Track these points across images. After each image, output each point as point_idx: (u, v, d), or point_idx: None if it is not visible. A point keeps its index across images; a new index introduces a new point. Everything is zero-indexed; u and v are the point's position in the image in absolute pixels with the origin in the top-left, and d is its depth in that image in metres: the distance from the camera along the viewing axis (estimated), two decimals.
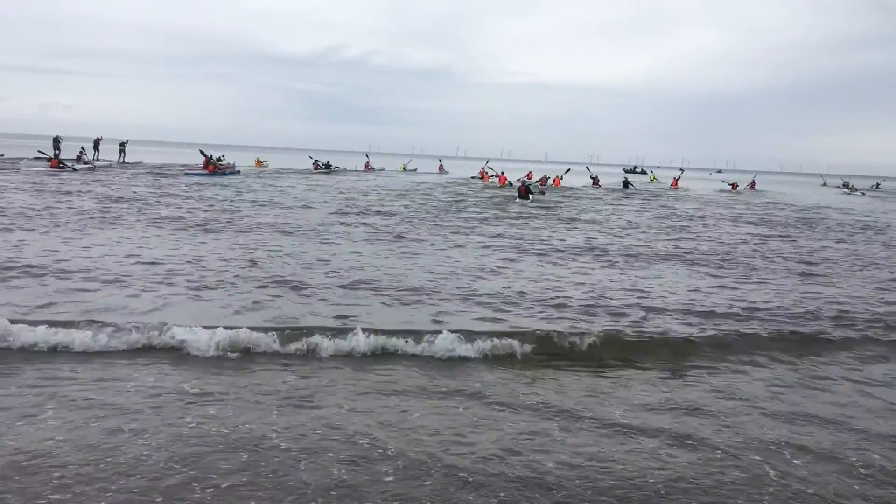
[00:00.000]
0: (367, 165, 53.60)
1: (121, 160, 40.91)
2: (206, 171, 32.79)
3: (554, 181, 40.48)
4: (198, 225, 14.27)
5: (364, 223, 16.19)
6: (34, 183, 22.67)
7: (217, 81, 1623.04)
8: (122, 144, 42.61)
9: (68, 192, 19.86)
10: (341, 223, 16.01)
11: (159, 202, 18.67)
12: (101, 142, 41.04)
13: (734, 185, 50.90)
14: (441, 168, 60.46)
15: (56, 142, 41.30)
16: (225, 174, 33.66)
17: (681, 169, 67.92)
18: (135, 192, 21.19)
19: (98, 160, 37.76)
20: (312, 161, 46.47)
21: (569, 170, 46.39)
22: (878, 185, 69.48)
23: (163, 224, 14.10)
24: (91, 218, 14.53)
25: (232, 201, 20.10)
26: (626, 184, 45.95)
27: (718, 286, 10.18)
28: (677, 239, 16.12)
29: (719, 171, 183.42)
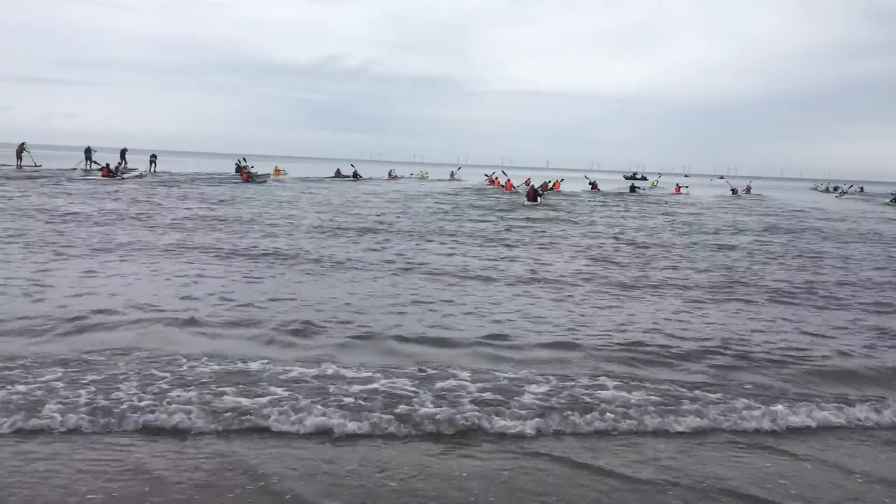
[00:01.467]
0: (390, 174, 60.97)
1: (152, 170, 42.62)
2: (241, 179, 37.98)
3: (554, 185, 42.86)
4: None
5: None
6: (111, 193, 24.07)
7: (218, 90, 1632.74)
8: (153, 157, 44.80)
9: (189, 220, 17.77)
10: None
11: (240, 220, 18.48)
12: (127, 152, 42.54)
13: (734, 191, 52.83)
14: (452, 175, 64.22)
15: (88, 152, 42.95)
16: (256, 182, 37.93)
17: (685, 175, 70.36)
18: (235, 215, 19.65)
19: (126, 170, 39.37)
20: (347, 170, 52.97)
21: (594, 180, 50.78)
22: (861, 189, 74.30)
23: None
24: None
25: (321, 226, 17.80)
26: (632, 189, 48.51)
27: None
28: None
29: (721, 178, 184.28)
